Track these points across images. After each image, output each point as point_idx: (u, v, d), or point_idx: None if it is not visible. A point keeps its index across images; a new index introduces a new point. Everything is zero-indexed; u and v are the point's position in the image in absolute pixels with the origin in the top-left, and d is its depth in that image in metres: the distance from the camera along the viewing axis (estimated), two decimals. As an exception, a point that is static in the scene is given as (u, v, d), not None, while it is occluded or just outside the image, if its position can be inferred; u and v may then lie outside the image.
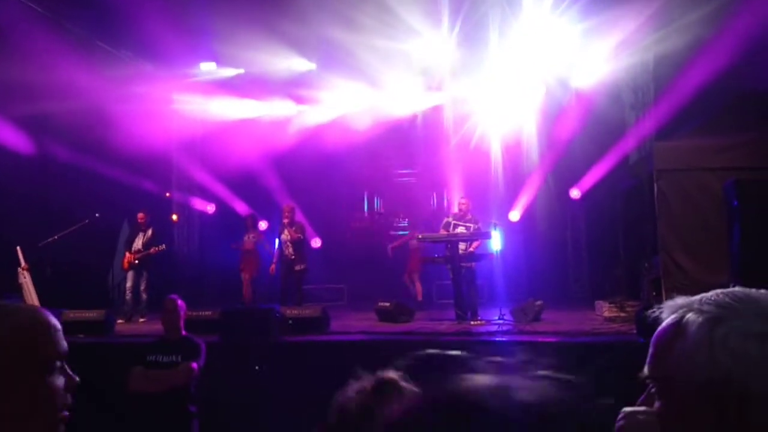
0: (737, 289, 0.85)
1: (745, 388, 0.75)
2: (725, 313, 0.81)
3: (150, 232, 9.38)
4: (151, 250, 9.19)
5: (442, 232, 8.43)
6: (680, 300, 0.87)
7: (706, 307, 0.83)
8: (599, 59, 9.89)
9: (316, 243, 11.93)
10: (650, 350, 0.89)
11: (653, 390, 0.88)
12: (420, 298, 10.23)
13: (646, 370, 0.89)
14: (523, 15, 9.35)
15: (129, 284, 9.22)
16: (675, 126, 8.07)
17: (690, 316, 0.83)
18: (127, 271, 9.30)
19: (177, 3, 8.64)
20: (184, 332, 4.89)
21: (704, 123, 7.62)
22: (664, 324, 0.87)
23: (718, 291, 0.85)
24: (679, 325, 0.84)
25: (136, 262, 9.22)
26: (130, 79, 10.27)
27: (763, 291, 0.84)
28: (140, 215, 9.47)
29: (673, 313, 0.87)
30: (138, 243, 9.32)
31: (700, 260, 7.03)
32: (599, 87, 10.33)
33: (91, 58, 9.46)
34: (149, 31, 8.95)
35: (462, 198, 8.80)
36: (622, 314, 7.48)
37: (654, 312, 0.91)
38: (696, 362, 0.79)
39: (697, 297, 0.86)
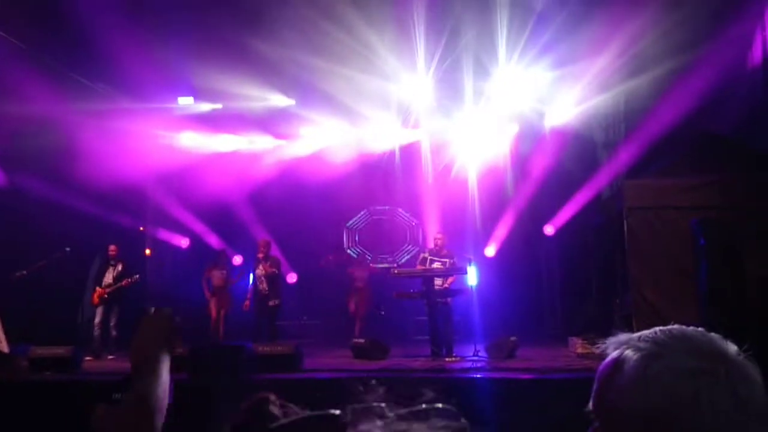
0: (675, 326, 0.88)
1: (671, 425, 0.77)
2: (660, 350, 0.83)
3: (120, 266, 9.23)
4: (124, 282, 9.03)
5: (419, 267, 8.46)
6: (623, 336, 0.90)
7: (643, 344, 0.85)
8: (571, 100, 10.18)
9: (291, 278, 11.85)
10: (594, 385, 0.91)
11: (597, 425, 0.90)
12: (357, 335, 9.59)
13: (590, 404, 0.91)
14: (496, 59, 9.60)
15: (98, 320, 9.02)
16: (644, 164, 8.32)
17: (628, 352, 0.86)
18: (97, 306, 9.11)
19: (155, 37, 8.68)
20: (152, 370, 4.79)
21: (672, 162, 7.85)
22: (606, 359, 0.90)
23: (657, 329, 0.88)
24: (618, 360, 0.87)
25: (107, 296, 9.04)
26: (105, 113, 10.24)
27: (699, 329, 0.87)
28: (112, 248, 9.33)
29: (616, 348, 0.89)
30: (108, 277, 9.16)
31: (670, 297, 7.14)
32: (572, 126, 10.60)
33: (67, 90, 9.42)
34: (126, 64, 8.96)
35: (438, 233, 8.87)
36: (595, 351, 7.52)
37: (599, 347, 0.93)
38: (632, 397, 0.82)
39: (637, 334, 0.89)
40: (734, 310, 5.97)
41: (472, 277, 8.73)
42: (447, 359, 7.47)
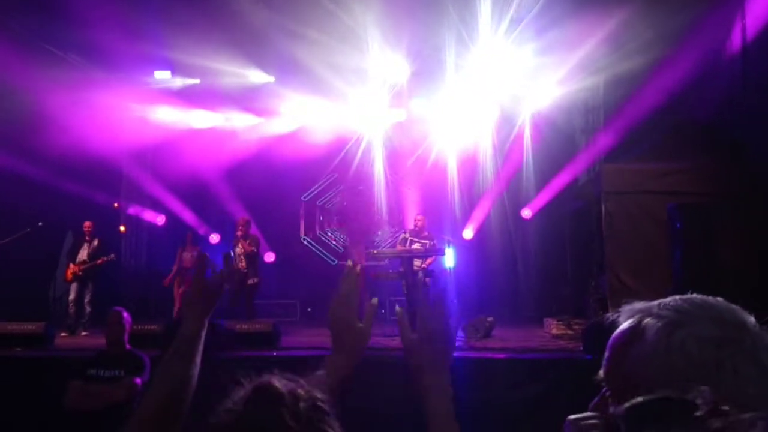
0: (695, 295, 0.87)
1: None
2: (683, 318, 0.82)
3: (96, 242, 9.07)
4: (99, 260, 8.88)
5: (399, 247, 8.47)
6: (638, 305, 0.88)
7: (664, 312, 0.84)
8: (551, 83, 10.21)
9: (269, 257, 11.78)
10: (606, 354, 0.89)
11: (608, 394, 0.88)
12: None
13: (601, 373, 0.90)
14: (478, 39, 9.56)
15: (72, 296, 8.86)
16: (622, 150, 8.38)
17: (648, 320, 0.84)
18: (70, 282, 8.95)
19: (131, 9, 8.45)
20: (128, 346, 4.74)
21: (649, 148, 7.94)
22: (621, 327, 0.88)
23: (677, 297, 0.87)
24: (636, 329, 0.85)
25: (80, 273, 8.89)
26: (79, 85, 9.95)
27: (719, 298, 0.86)
28: (86, 224, 9.15)
29: (630, 317, 0.87)
30: (83, 254, 8.99)
31: (645, 280, 7.26)
32: (551, 110, 10.65)
33: (38, 61, 9.14)
34: (101, 35, 8.73)
35: (418, 215, 8.89)
36: (569, 332, 7.65)
37: (611, 316, 0.92)
38: (653, 366, 0.80)
39: (656, 302, 0.87)
40: (708, 294, 6.08)
41: (449, 258, 8.78)
42: (424, 339, 7.50)
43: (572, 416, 0.92)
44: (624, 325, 0.88)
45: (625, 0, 7.81)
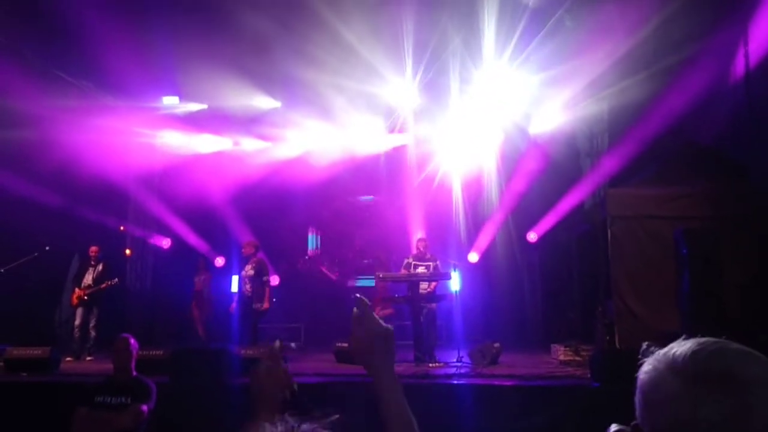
0: (710, 344, 0.88)
1: None
2: (701, 381, 0.84)
3: (101, 266, 9.10)
4: (103, 284, 8.90)
5: (403, 271, 8.46)
6: (661, 354, 0.91)
7: (690, 366, 0.86)
8: (556, 108, 10.27)
9: (274, 281, 11.76)
10: (639, 396, 0.92)
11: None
12: None
13: (638, 419, 0.92)
14: (483, 64, 9.66)
15: (78, 321, 8.87)
16: (627, 174, 8.41)
17: (668, 376, 0.87)
18: (76, 307, 8.96)
19: (141, 35, 8.59)
20: (134, 373, 4.72)
21: (654, 172, 7.96)
22: (648, 376, 0.90)
23: (692, 345, 0.88)
24: (659, 382, 0.88)
25: (86, 298, 8.90)
26: (89, 110, 10.10)
27: (734, 347, 0.87)
28: (93, 249, 9.19)
29: (654, 366, 0.90)
30: (88, 278, 9.02)
31: (652, 306, 7.22)
32: (556, 134, 10.70)
33: (48, 86, 9.28)
34: (111, 62, 8.86)
35: (420, 238, 8.86)
36: (577, 358, 7.59)
37: (641, 359, 0.94)
38: (683, 409, 0.83)
39: (678, 352, 0.89)
40: (715, 319, 6.05)
41: (455, 282, 8.76)
42: (430, 365, 7.46)
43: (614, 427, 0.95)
44: (649, 375, 0.90)
45: (629, 25, 7.89)
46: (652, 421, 0.87)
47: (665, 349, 0.90)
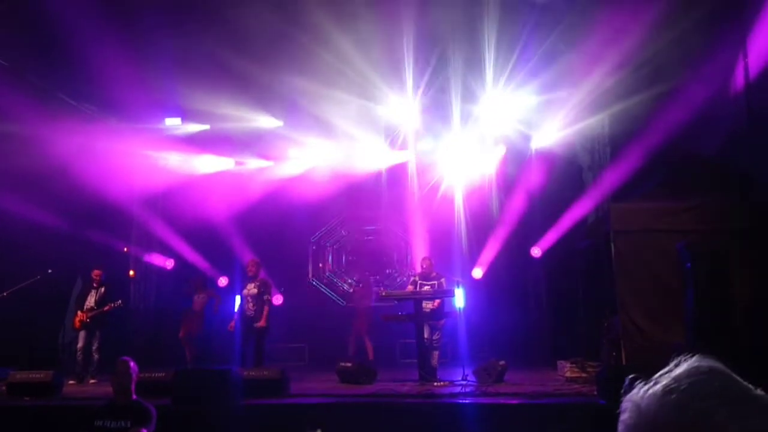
0: (712, 370, 0.83)
1: None
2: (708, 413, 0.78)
3: (103, 289, 9.07)
4: (106, 307, 8.86)
5: (410, 288, 8.45)
6: (673, 376, 0.83)
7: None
8: (557, 123, 10.29)
9: (277, 300, 11.72)
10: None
11: None
12: (371, 357, 10.10)
13: None
14: (484, 81, 9.70)
15: (80, 344, 8.83)
16: (630, 188, 8.38)
17: (681, 399, 0.79)
18: (78, 330, 8.92)
19: (143, 58, 8.67)
20: (134, 396, 4.68)
21: (656, 186, 7.92)
22: (626, 424, 0.84)
23: (696, 372, 0.82)
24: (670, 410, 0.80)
25: (88, 320, 8.87)
26: (92, 133, 10.17)
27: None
28: (96, 272, 9.16)
29: (636, 414, 0.83)
30: (90, 301, 8.99)
31: (657, 320, 7.15)
32: (557, 149, 10.70)
33: (53, 110, 9.36)
34: (114, 85, 8.94)
35: (424, 258, 8.83)
36: (584, 374, 7.51)
37: (622, 396, 0.88)
38: None
39: (685, 379, 0.81)
40: (720, 333, 5.98)
41: (459, 299, 8.70)
42: (435, 384, 7.39)
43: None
44: (625, 426, 0.84)
45: (628, 38, 7.91)
46: None
47: (647, 387, 0.83)
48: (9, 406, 6.64)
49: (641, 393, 0.83)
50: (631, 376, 0.87)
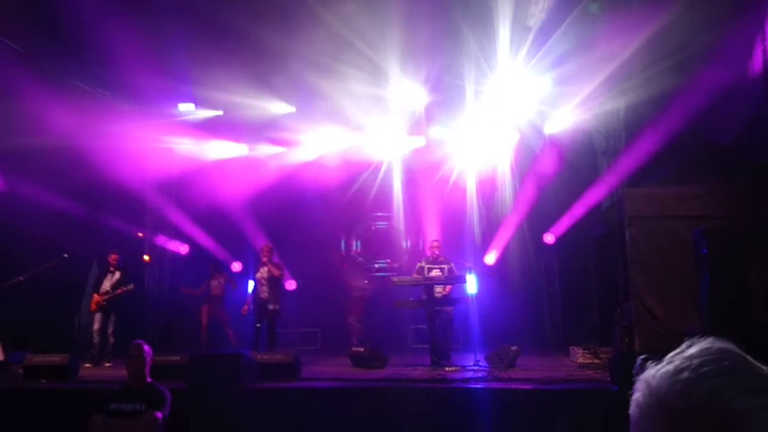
0: (726, 351, 0.81)
1: None
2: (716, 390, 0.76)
3: (118, 273, 9.18)
4: (119, 290, 8.98)
5: (416, 276, 8.38)
6: (685, 358, 0.81)
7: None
8: (571, 107, 10.15)
9: (291, 286, 11.79)
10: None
11: None
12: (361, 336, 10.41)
13: None
14: (497, 65, 9.58)
15: (96, 327, 8.97)
16: (645, 173, 8.27)
17: (695, 381, 0.77)
18: (94, 313, 9.06)
19: (156, 43, 8.66)
20: (149, 379, 4.74)
21: (672, 171, 7.82)
22: (639, 407, 0.82)
23: (710, 353, 0.80)
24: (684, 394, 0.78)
25: (104, 303, 8.99)
26: (105, 118, 10.21)
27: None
28: (113, 257, 9.28)
29: (648, 396, 0.81)
30: (106, 284, 9.12)
31: (671, 307, 7.10)
32: (572, 133, 10.56)
33: (67, 96, 9.40)
34: (127, 70, 8.94)
35: (434, 241, 8.80)
36: (596, 361, 7.49)
37: (634, 378, 0.86)
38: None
39: (698, 363, 0.79)
40: (736, 319, 5.92)
41: (471, 285, 8.68)
42: (447, 369, 7.40)
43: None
44: (638, 410, 0.82)
45: (644, 23, 7.77)
46: None
47: (659, 367, 0.81)
48: (26, 388, 6.75)
49: (653, 372, 0.81)
50: (642, 357, 0.85)
